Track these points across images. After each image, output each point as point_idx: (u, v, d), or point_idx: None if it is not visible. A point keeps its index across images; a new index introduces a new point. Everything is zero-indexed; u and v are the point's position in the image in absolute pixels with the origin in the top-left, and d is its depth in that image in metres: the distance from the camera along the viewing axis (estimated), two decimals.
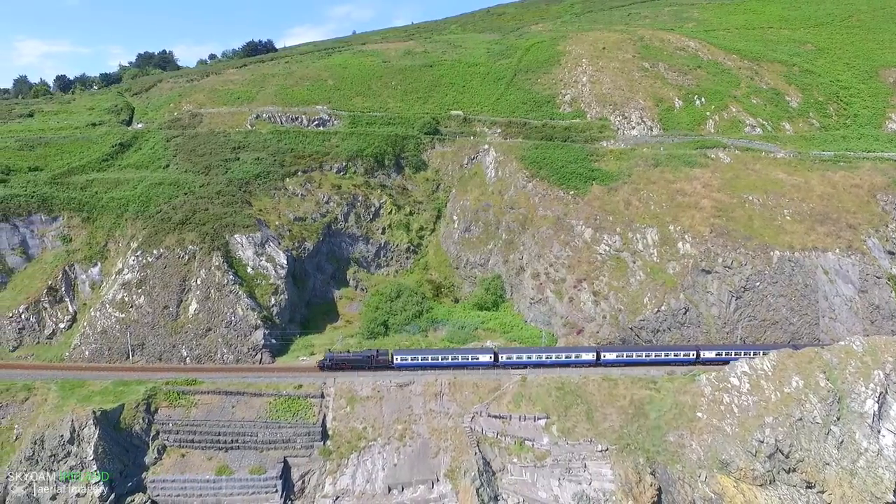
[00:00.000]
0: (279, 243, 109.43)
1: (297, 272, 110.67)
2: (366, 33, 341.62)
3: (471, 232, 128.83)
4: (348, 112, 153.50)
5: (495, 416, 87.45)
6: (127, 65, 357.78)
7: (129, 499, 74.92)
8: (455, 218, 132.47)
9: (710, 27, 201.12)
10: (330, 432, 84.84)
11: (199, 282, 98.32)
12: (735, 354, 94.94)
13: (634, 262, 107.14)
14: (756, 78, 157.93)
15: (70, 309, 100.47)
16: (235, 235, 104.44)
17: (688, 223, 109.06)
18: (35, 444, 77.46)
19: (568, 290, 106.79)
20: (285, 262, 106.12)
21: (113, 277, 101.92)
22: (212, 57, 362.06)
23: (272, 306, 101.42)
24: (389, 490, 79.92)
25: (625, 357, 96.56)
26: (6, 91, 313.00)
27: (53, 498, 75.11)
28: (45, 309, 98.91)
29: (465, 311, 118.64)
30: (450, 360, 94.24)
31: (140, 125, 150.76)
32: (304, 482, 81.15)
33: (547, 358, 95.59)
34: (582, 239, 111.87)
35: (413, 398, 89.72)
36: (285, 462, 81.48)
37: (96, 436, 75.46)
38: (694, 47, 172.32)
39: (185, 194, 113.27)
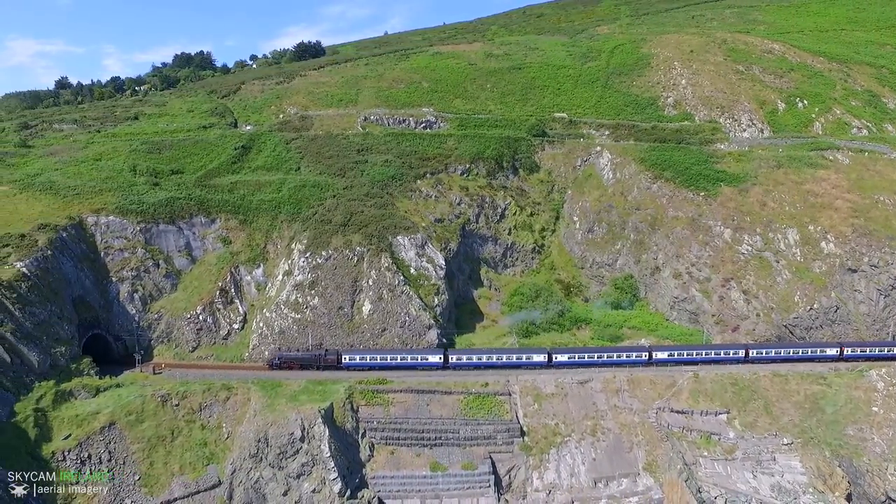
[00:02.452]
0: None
1: (447, 273, 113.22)
2: (400, 34, 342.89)
3: (594, 233, 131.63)
4: (453, 114, 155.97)
5: (677, 412, 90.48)
6: (160, 65, 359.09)
7: (359, 493, 77.29)
8: (575, 219, 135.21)
9: (783, 30, 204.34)
10: (525, 428, 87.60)
11: (370, 282, 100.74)
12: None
13: (778, 262, 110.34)
14: (849, 80, 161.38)
15: (240, 310, 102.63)
16: (398, 237, 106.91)
17: (827, 223, 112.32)
18: (259, 442, 79.90)
19: (716, 289, 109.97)
20: (443, 262, 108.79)
21: (280, 278, 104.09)
22: (253, 58, 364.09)
23: (435, 306, 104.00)
24: (595, 484, 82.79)
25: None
26: (51, 91, 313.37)
27: (285, 494, 77.57)
28: (219, 310, 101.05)
29: (596, 310, 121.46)
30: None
31: (249, 127, 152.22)
32: (510, 477, 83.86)
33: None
34: (722, 239, 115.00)
35: (595, 395, 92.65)
36: (490, 458, 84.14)
37: (327, 433, 77.92)
38: (779, 50, 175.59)
39: (333, 196, 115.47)
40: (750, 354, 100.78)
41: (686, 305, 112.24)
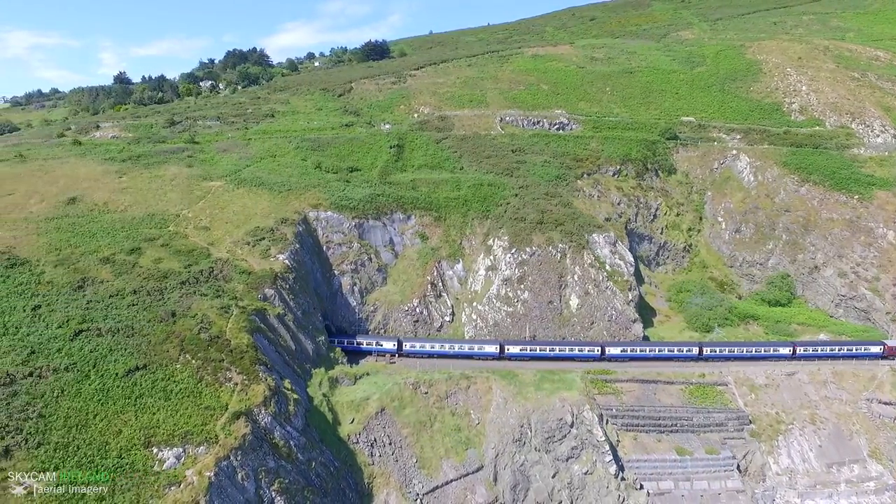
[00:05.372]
0: None
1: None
2: (446, 33, 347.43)
3: (742, 233, 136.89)
4: (583, 116, 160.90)
5: (885, 403, 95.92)
6: (207, 61, 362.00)
7: (620, 475, 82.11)
8: (720, 219, 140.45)
9: (873, 36, 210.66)
10: (750, 417, 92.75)
11: (575, 278, 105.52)
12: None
13: None
14: None
15: (448, 303, 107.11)
16: (593, 234, 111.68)
17: None
18: (522, 427, 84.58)
19: (888, 288, 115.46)
20: (632, 259, 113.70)
21: (482, 273, 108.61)
22: (310, 56, 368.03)
23: (629, 302, 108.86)
24: (828, 469, 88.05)
25: None
26: (105, 87, 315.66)
27: (553, 476, 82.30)
28: (431, 303, 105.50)
29: (755, 306, 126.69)
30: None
31: (387, 126, 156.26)
32: (745, 461, 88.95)
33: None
34: (886, 240, 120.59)
35: (804, 386, 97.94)
36: (726, 444, 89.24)
37: (596, 418, 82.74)
38: (885, 57, 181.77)
39: (515, 195, 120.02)
40: None
41: (855, 303, 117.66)
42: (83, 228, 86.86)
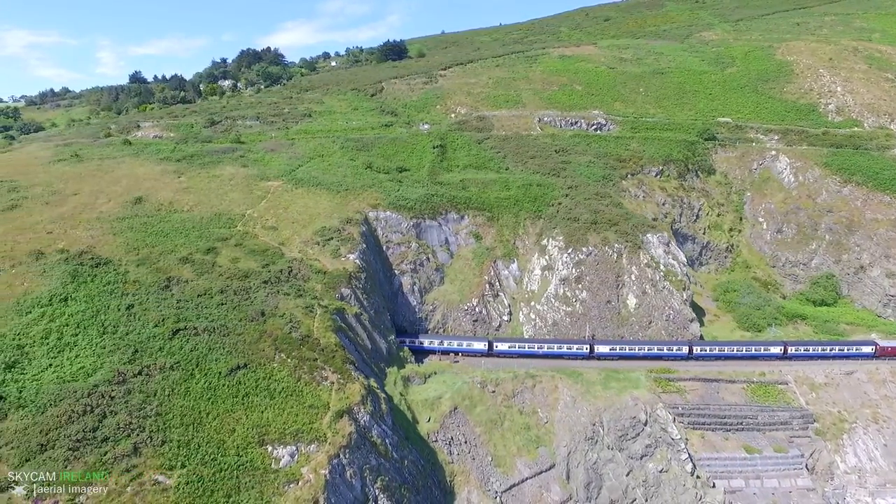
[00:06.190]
0: None
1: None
2: (459, 33, 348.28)
3: (783, 233, 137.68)
4: (620, 116, 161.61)
5: None
6: (219, 60, 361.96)
7: (695, 473, 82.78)
8: (761, 220, 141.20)
9: None
10: (813, 415, 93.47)
11: (633, 278, 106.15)
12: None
13: None
14: None
15: (505, 302, 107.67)
16: (647, 234, 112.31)
17: None
18: (594, 425, 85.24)
19: None
20: (685, 259, 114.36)
21: (537, 273, 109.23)
22: (325, 56, 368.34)
23: (685, 301, 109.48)
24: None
25: None
26: (121, 86, 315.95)
27: (627, 474, 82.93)
28: (489, 302, 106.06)
29: (801, 306, 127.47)
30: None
31: (426, 126, 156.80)
32: (812, 460, 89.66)
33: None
34: None
35: (862, 385, 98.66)
36: (792, 442, 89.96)
37: (671, 417, 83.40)
38: None
39: (565, 196, 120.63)
40: None
41: None
42: (155, 228, 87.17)
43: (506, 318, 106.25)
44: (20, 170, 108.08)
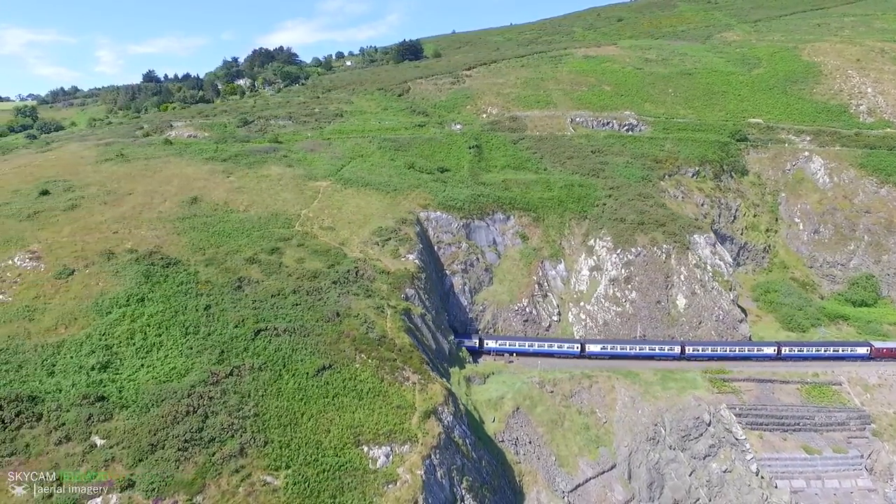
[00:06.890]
0: None
1: None
2: (472, 32, 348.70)
3: (820, 234, 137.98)
4: (652, 117, 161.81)
5: None
6: (231, 59, 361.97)
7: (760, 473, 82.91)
8: (797, 220, 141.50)
9: None
10: (870, 416, 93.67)
11: (682, 278, 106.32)
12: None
13: None
14: None
15: (554, 302, 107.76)
16: (694, 235, 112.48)
17: None
18: (656, 425, 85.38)
19: None
20: (730, 259, 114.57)
21: (585, 273, 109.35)
22: (339, 55, 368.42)
23: (733, 301, 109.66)
24: None
25: None
26: (137, 85, 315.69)
27: (690, 474, 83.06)
28: (538, 302, 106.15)
29: (841, 306, 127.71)
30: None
31: (458, 126, 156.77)
32: (871, 461, 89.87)
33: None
34: None
35: None
36: (851, 443, 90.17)
37: (734, 417, 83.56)
38: None
39: (608, 196, 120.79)
40: None
41: None
42: (216, 228, 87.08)
43: (555, 318, 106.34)
44: (69, 170, 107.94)
